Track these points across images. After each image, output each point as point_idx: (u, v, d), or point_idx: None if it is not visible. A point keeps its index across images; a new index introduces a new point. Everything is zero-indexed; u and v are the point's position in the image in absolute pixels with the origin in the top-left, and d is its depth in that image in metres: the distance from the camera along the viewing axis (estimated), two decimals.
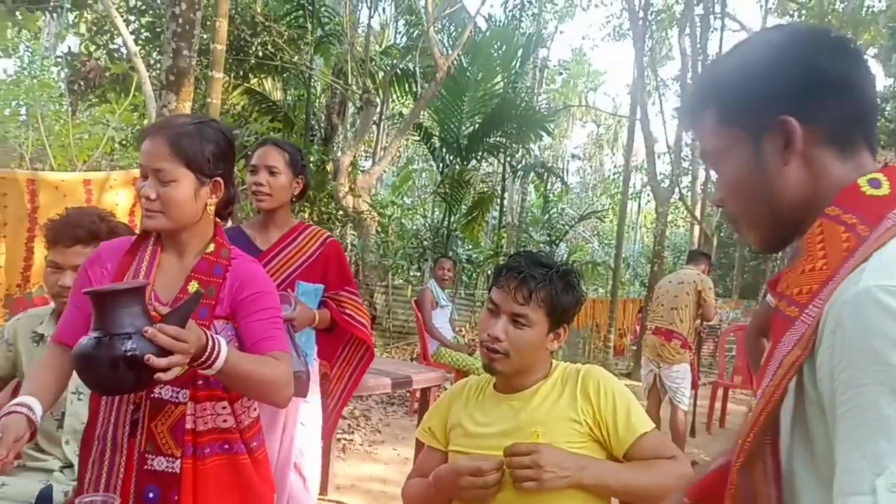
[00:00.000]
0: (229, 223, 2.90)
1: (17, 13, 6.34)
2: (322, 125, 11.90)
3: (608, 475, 1.59)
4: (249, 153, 2.69)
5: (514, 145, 13.05)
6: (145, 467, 1.64)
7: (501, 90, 11.97)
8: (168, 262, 1.75)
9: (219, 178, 1.72)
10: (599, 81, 33.32)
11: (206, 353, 1.50)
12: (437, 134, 11.93)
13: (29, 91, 10.83)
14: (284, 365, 1.71)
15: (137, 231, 5.59)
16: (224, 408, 1.72)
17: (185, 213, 1.69)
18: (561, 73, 25.09)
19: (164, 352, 1.41)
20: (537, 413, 1.67)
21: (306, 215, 9.73)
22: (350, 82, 10.53)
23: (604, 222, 22.74)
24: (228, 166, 1.77)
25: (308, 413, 2.69)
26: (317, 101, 12.14)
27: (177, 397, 1.66)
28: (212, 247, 1.75)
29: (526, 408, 1.69)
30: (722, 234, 17.53)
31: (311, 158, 10.14)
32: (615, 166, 31.27)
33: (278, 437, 2.60)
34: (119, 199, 5.39)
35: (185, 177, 1.66)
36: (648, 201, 29.92)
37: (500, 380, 1.76)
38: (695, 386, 5.95)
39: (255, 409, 1.82)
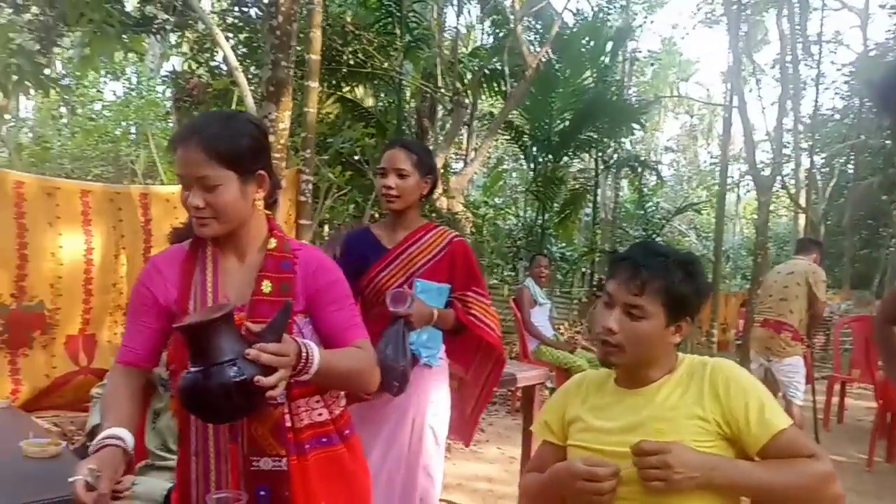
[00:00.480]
0: (280, 217, 2.94)
1: (125, 36, 6.65)
2: (413, 129, 12.03)
3: (740, 476, 1.52)
4: (382, 151, 2.69)
5: (605, 140, 12.84)
6: (252, 468, 1.65)
7: (592, 85, 11.80)
8: (230, 264, 1.72)
9: (262, 171, 1.68)
10: (691, 71, 32.37)
11: (302, 362, 1.51)
12: (528, 132, 11.85)
13: (138, 111, 11.43)
14: (367, 353, 1.72)
15: None
16: (318, 401, 1.74)
17: (237, 215, 1.65)
18: (652, 64, 24.49)
19: (268, 370, 1.42)
20: (661, 409, 1.62)
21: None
22: (439, 85, 10.60)
23: (700, 215, 22.05)
24: (267, 157, 1.74)
25: (435, 413, 2.68)
26: (407, 105, 12.28)
27: (274, 398, 1.65)
28: (273, 242, 1.72)
29: (649, 404, 1.64)
30: (829, 223, 16.75)
31: None
32: (711, 157, 30.34)
33: (407, 439, 2.60)
34: None
35: (228, 179, 1.61)
36: (748, 191, 28.90)
37: (621, 374, 1.71)
38: (809, 379, 5.69)
39: (343, 398, 1.83)
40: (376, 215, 9.35)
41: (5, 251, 4.46)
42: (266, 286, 1.66)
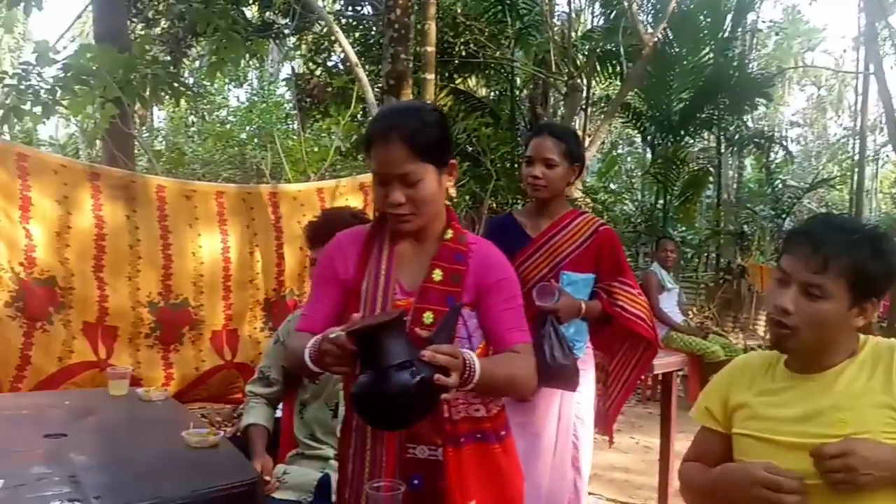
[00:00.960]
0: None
1: (249, 41, 6.91)
2: (526, 117, 11.94)
3: None
4: (527, 139, 2.63)
5: (728, 118, 12.31)
6: (407, 455, 1.65)
7: (711, 61, 11.32)
8: (406, 249, 1.73)
9: (453, 161, 1.70)
10: (818, 39, 30.54)
11: (467, 370, 1.48)
12: (646, 113, 11.51)
13: (261, 114, 11.87)
14: (526, 360, 1.67)
15: None
16: (475, 397, 1.70)
17: (435, 207, 1.68)
18: (777, 34, 23.24)
19: (442, 372, 1.39)
20: (842, 398, 1.47)
21: (519, 206, 9.78)
22: (553, 71, 10.45)
23: (834, 191, 20.79)
24: (451, 144, 1.73)
25: (582, 405, 2.63)
26: (519, 93, 12.19)
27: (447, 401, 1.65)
28: (450, 233, 1.72)
29: (828, 391, 1.49)
30: None
31: (519, 150, 10.20)
32: (842, 129, 28.55)
33: (554, 431, 2.56)
34: (350, 205, 5.71)
35: (428, 172, 1.62)
36: (884, 163, 27.05)
37: (794, 357, 1.57)
38: None
39: (500, 399, 1.80)
40: (493, 205, 9.33)
41: (152, 252, 4.71)
42: (437, 274, 1.67)
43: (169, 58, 8.57)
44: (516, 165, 9.74)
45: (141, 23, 9.05)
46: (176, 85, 6.62)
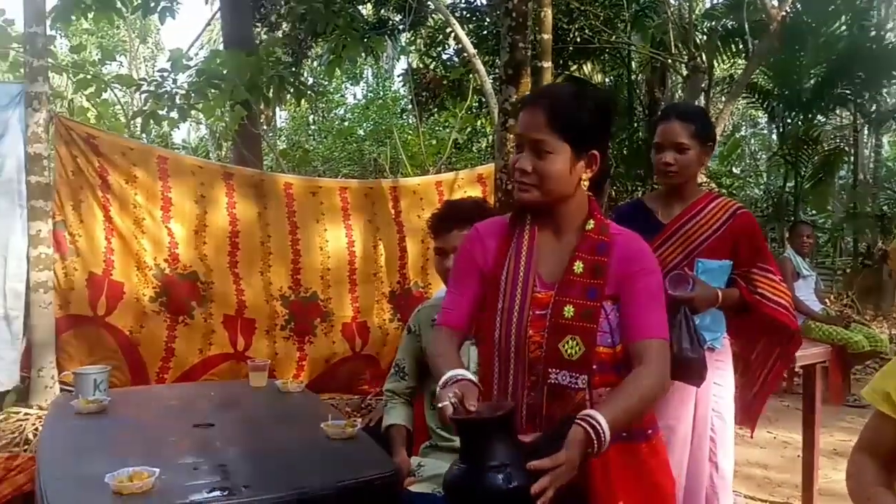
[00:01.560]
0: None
1: (366, 38, 7.03)
2: (644, 102, 11.60)
3: None
4: (654, 123, 2.53)
5: (865, 93, 11.51)
6: None
7: (846, 33, 10.61)
8: (547, 241, 1.69)
9: (595, 151, 1.63)
10: None
11: (594, 445, 1.41)
12: (774, 92, 10.92)
13: (378, 110, 12.10)
14: (655, 366, 1.57)
15: None
16: (610, 392, 1.62)
17: (559, 187, 1.62)
18: None
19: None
20: None
21: (639, 194, 9.53)
22: (672, 52, 10.09)
23: None
24: (606, 137, 1.68)
25: (720, 397, 2.51)
26: (636, 78, 11.85)
27: (576, 383, 1.59)
28: (591, 223, 1.66)
29: None
30: None
31: (638, 136, 9.92)
32: None
33: (690, 425, 2.45)
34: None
35: (562, 149, 1.59)
36: None
37: None
38: None
39: None
40: (612, 193, 9.12)
41: (282, 248, 4.89)
42: (578, 267, 1.62)
43: (291, 59, 8.85)
44: (634, 151, 9.49)
45: (265, 27, 9.40)
46: (298, 85, 6.82)
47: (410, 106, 10.57)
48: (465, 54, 6.21)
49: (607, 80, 12.11)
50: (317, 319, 4.91)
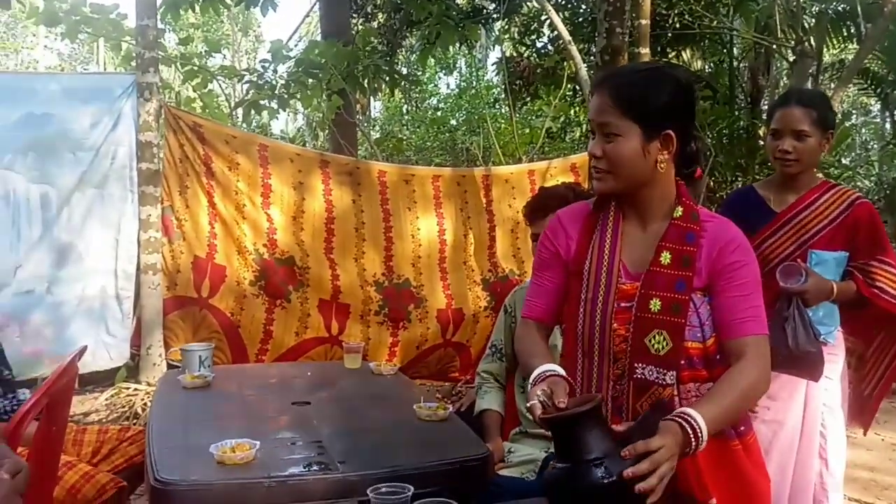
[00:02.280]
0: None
1: (461, 27, 7.05)
2: (746, 89, 11.18)
3: None
4: (771, 108, 2.45)
5: None
6: None
7: None
8: (632, 230, 1.62)
9: (670, 132, 1.53)
10: None
11: (692, 443, 1.37)
12: (889, 77, 10.35)
13: (470, 100, 12.12)
14: (754, 362, 1.51)
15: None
16: (709, 389, 1.56)
17: (634, 172, 1.54)
18: None
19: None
20: None
21: (739, 184, 9.22)
22: (777, 37, 9.69)
23: None
24: (684, 117, 1.58)
25: (831, 392, 2.42)
26: (738, 64, 11.44)
27: (663, 379, 1.53)
28: (679, 210, 1.59)
29: None
30: None
31: (739, 125, 9.58)
32: None
33: (799, 420, 2.38)
34: None
35: (630, 130, 1.52)
36: None
37: None
38: None
39: None
40: (711, 183, 8.84)
41: (375, 234, 4.97)
42: (665, 258, 1.55)
43: (386, 49, 8.97)
44: (735, 141, 9.17)
45: (361, 17, 9.56)
46: (392, 74, 6.91)
47: (503, 95, 10.53)
48: (560, 42, 6.15)
49: (707, 66, 11.73)
50: (410, 305, 4.98)
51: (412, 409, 2.24)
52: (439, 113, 13.15)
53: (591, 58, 6.00)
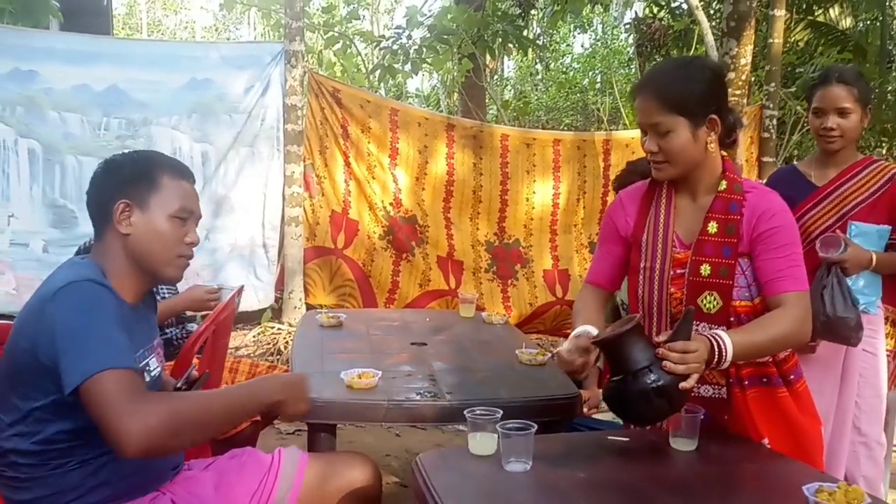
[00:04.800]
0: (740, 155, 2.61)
1: None
2: None
3: None
4: (811, 88, 2.53)
5: None
6: (692, 395, 1.71)
7: None
8: (683, 203, 1.81)
9: (713, 116, 1.72)
10: None
11: (716, 355, 1.57)
12: None
13: (602, 60, 12.04)
14: (795, 312, 1.67)
15: None
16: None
17: (689, 158, 1.73)
18: None
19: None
20: None
21: (884, 150, 8.78)
22: None
23: None
24: (720, 99, 1.76)
25: (869, 364, 2.48)
26: (894, 22, 10.73)
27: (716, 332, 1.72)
28: (724, 184, 1.77)
29: None
30: None
31: (890, 88, 9.07)
32: None
33: (836, 388, 2.46)
34: None
35: (679, 124, 1.69)
36: None
37: None
38: None
39: None
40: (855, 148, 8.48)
41: (492, 197, 5.29)
42: (712, 227, 1.75)
43: (519, 10, 9.09)
44: (884, 104, 8.71)
45: None
46: (521, 38, 7.08)
47: (635, 56, 10.42)
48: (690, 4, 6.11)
49: (860, 24, 11.07)
50: (517, 265, 5.30)
51: (515, 354, 2.53)
52: (571, 73, 13.14)
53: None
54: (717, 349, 1.58)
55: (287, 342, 4.93)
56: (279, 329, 5.16)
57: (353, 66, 7.92)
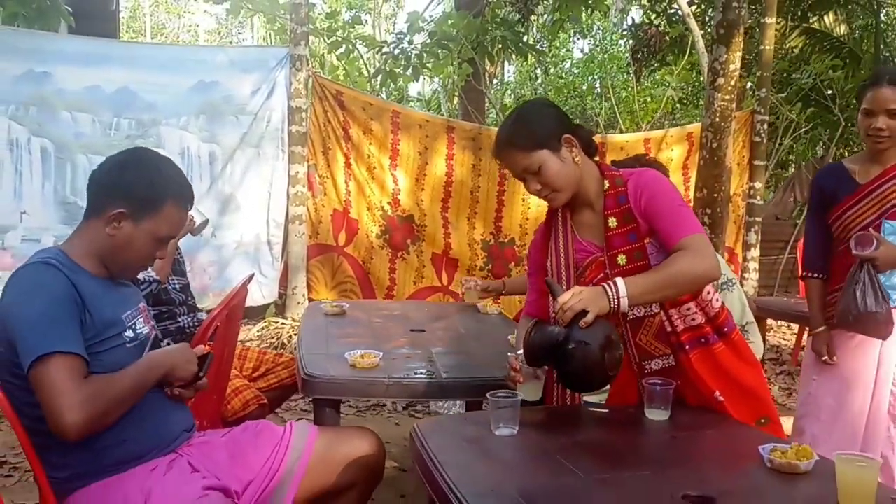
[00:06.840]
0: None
1: None
2: (895, 55, 10.64)
3: None
4: (861, 89, 2.57)
5: None
6: (645, 371, 1.92)
7: None
8: (587, 216, 1.98)
9: (566, 135, 1.91)
10: None
11: (613, 299, 1.74)
12: None
13: (601, 65, 12.21)
14: (692, 253, 1.80)
15: (690, 179, 6.00)
16: (689, 309, 1.90)
17: (569, 178, 1.91)
18: None
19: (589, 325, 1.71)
20: None
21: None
22: None
23: None
24: (564, 121, 1.95)
25: None
26: (888, 29, 10.89)
27: (651, 310, 1.91)
28: (606, 183, 1.94)
29: None
30: None
31: None
32: None
33: (872, 378, 2.50)
34: (673, 154, 5.88)
35: (544, 156, 1.88)
36: None
37: None
38: None
39: (717, 299, 1.96)
40: (846, 153, 8.63)
41: (489, 198, 5.48)
42: (612, 222, 1.92)
43: (518, 17, 9.27)
44: None
45: None
46: (520, 44, 7.26)
47: (632, 62, 10.59)
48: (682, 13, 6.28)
49: (856, 31, 11.24)
50: (511, 263, 5.48)
51: (506, 339, 2.70)
52: (570, 78, 13.30)
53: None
54: (608, 290, 1.75)
55: (290, 336, 5.09)
56: (283, 324, 5.32)
57: (355, 69, 8.10)
